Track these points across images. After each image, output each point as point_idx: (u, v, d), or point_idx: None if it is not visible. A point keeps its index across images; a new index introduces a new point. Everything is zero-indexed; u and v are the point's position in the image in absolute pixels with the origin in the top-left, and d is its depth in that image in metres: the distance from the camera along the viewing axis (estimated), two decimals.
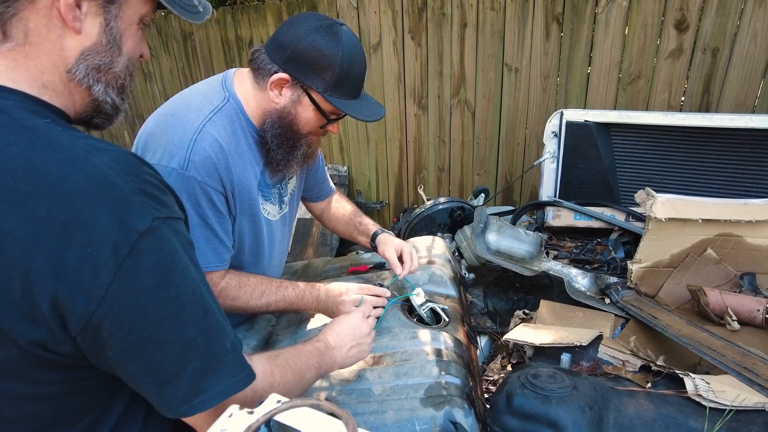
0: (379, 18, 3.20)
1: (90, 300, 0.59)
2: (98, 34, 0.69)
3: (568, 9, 2.84)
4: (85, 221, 0.58)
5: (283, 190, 1.47)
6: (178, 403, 0.67)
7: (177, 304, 0.65)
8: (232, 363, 0.71)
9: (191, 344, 0.66)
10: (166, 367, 0.65)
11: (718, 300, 1.66)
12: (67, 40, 0.67)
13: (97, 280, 0.59)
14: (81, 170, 0.60)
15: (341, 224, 1.73)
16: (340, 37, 1.19)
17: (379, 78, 3.33)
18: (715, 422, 1.14)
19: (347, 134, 3.60)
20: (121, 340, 0.62)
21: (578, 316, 1.77)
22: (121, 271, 0.60)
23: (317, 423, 0.60)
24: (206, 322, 0.68)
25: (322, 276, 1.75)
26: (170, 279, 0.64)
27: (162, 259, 0.63)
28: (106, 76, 0.72)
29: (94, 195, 0.59)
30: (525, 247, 2.12)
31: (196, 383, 0.67)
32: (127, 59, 0.74)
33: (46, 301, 0.58)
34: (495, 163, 3.37)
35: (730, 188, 2.21)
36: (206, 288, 0.70)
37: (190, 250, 0.69)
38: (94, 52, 0.69)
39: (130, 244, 0.60)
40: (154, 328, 0.63)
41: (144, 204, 0.62)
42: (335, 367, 1.05)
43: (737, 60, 2.62)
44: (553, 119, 2.36)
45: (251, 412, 0.64)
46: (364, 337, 1.11)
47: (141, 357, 0.64)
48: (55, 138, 0.62)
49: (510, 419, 1.19)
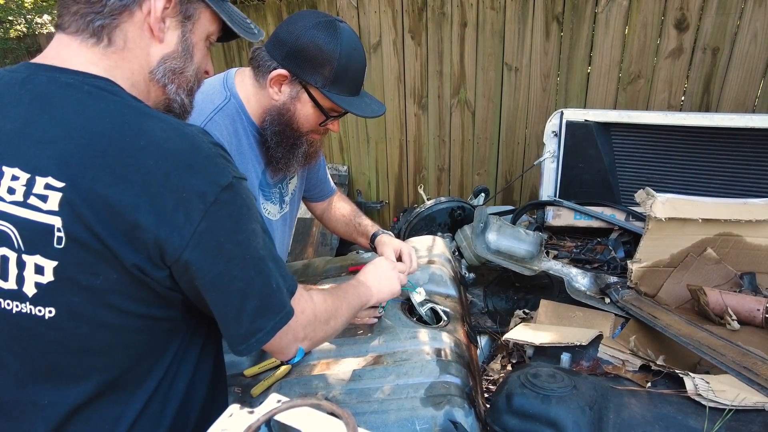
0: (379, 17, 3.20)
1: (183, 236, 0.72)
2: (176, 44, 0.85)
3: (568, 8, 2.84)
4: (182, 173, 0.72)
5: (284, 190, 1.47)
6: (239, 340, 0.82)
7: (243, 247, 0.78)
8: (278, 302, 0.84)
9: (251, 284, 0.80)
10: (234, 303, 0.79)
11: (718, 300, 1.66)
12: (152, 48, 0.83)
13: (189, 221, 0.72)
14: (179, 135, 0.75)
15: (341, 225, 1.73)
16: (340, 33, 1.19)
17: (379, 78, 3.33)
18: (715, 422, 1.14)
19: (347, 134, 3.60)
20: (205, 272, 0.75)
21: (578, 316, 1.77)
22: (208, 215, 0.73)
23: (317, 423, 0.60)
24: (260, 266, 0.81)
25: (323, 276, 1.75)
26: (240, 226, 0.78)
27: (236, 209, 0.78)
28: (179, 78, 0.87)
29: (189, 153, 0.74)
30: (525, 246, 2.12)
31: (254, 321, 0.81)
32: (196, 67, 0.90)
33: (150, 233, 0.71)
34: (495, 163, 3.37)
35: (730, 188, 2.21)
36: (263, 237, 0.83)
37: (252, 205, 0.83)
38: (172, 58, 0.85)
39: (215, 194, 0.74)
40: (226, 265, 0.77)
41: (225, 165, 0.77)
42: (371, 297, 1.24)
43: (737, 60, 2.62)
44: (553, 119, 2.36)
45: (251, 411, 0.64)
46: (390, 271, 1.32)
47: (216, 291, 0.77)
48: (155, 113, 0.78)
49: (510, 419, 1.19)
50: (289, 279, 0.89)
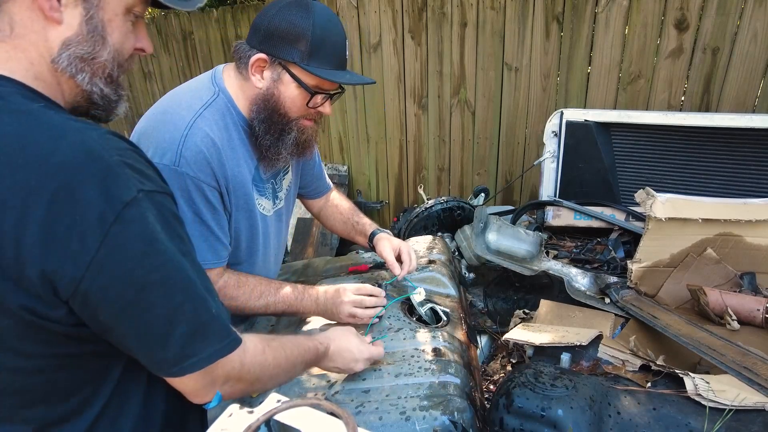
0: (379, 17, 3.20)
1: (78, 265, 0.62)
2: (79, 25, 0.70)
3: (568, 8, 2.84)
4: (73, 191, 0.61)
5: (278, 186, 1.46)
6: (169, 365, 0.71)
7: (162, 271, 0.68)
8: (219, 329, 0.74)
9: (178, 309, 0.69)
10: (155, 330, 0.68)
11: (718, 300, 1.66)
12: (50, 32, 0.69)
13: (84, 247, 0.61)
14: (69, 144, 0.63)
15: (339, 223, 1.72)
16: (312, 8, 1.18)
17: (379, 78, 3.33)
18: (715, 422, 1.14)
19: (347, 134, 3.60)
20: (110, 304, 0.65)
21: (578, 316, 1.77)
22: (108, 239, 0.62)
23: (317, 423, 0.60)
24: (191, 290, 0.71)
25: (322, 275, 1.75)
26: (155, 247, 0.67)
27: (146, 228, 0.66)
28: (91, 66, 0.73)
29: (82, 166, 0.62)
30: (525, 246, 2.12)
31: (185, 347, 0.70)
32: (114, 50, 0.74)
33: (35, 267, 0.61)
34: (495, 163, 3.37)
35: (730, 188, 2.21)
36: (191, 259, 0.73)
37: (175, 222, 0.71)
38: (76, 42, 0.70)
39: (115, 212, 0.63)
40: (141, 294, 0.66)
41: (129, 176, 0.65)
42: (324, 370, 1.12)
43: (737, 60, 2.62)
44: (553, 119, 2.36)
45: (251, 411, 0.64)
46: (361, 361, 1.14)
47: (130, 320, 0.67)
48: (47, 118, 0.65)
49: (510, 419, 1.19)
50: (227, 312, 0.77)
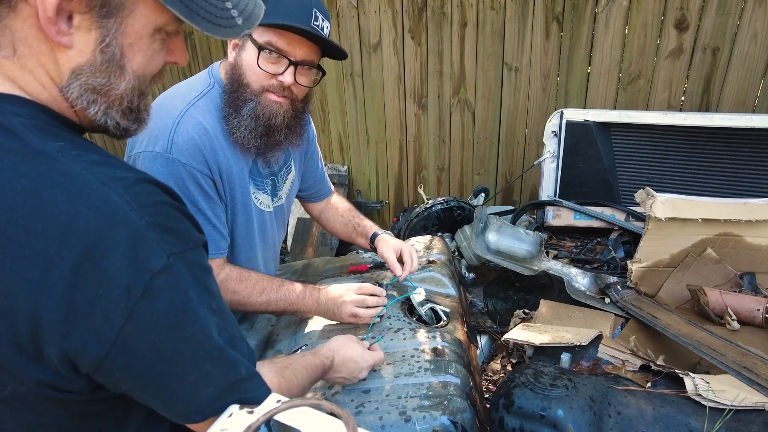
0: (379, 17, 3.20)
1: (102, 342, 0.57)
2: (92, 52, 0.60)
3: (568, 8, 2.84)
4: (97, 262, 0.55)
5: (279, 183, 1.46)
6: (190, 416, 0.66)
7: (192, 343, 0.62)
8: (247, 387, 0.69)
9: (206, 376, 0.64)
10: (182, 395, 0.64)
11: (718, 300, 1.66)
12: (59, 54, 0.59)
13: (109, 323, 0.56)
14: (92, 206, 0.56)
15: (339, 225, 1.72)
16: None
17: (379, 77, 3.32)
18: (715, 422, 1.14)
19: (347, 134, 3.59)
20: (134, 377, 0.61)
21: (578, 316, 1.77)
22: (135, 314, 0.57)
23: (317, 423, 0.60)
24: (221, 358, 0.66)
25: (322, 275, 1.75)
26: (186, 317, 0.61)
27: (176, 297, 0.60)
28: (106, 98, 0.64)
29: (106, 233, 0.55)
30: (525, 246, 2.12)
31: (211, 404, 0.66)
32: (134, 78, 0.65)
33: (54, 346, 0.56)
34: (495, 163, 3.37)
35: (730, 188, 2.21)
36: (220, 313, 0.68)
37: (205, 277, 0.66)
38: (89, 72, 0.61)
39: (143, 285, 0.57)
40: (168, 365, 0.61)
41: (159, 240, 0.58)
42: (329, 382, 1.14)
43: (737, 60, 2.62)
44: (553, 119, 2.36)
45: (251, 411, 0.64)
46: (365, 369, 1.15)
47: (156, 389, 0.63)
48: (67, 167, 0.57)
49: (510, 419, 1.19)
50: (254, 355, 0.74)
